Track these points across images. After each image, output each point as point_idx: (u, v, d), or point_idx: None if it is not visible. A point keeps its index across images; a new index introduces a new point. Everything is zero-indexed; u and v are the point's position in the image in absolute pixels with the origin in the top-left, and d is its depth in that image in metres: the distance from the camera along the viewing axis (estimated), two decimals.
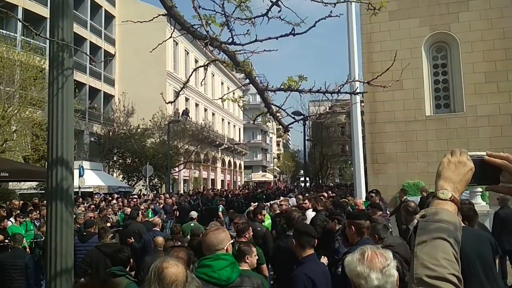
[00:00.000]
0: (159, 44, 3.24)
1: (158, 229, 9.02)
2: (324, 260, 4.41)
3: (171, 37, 2.94)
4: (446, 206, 1.27)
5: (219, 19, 2.89)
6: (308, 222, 6.84)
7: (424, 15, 17.16)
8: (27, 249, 8.80)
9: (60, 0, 3.39)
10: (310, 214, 8.02)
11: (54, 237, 3.39)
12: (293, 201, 12.60)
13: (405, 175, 16.70)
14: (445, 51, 17.46)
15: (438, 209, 1.26)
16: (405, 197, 11.54)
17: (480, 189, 11.48)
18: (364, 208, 8.83)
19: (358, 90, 3.50)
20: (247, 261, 3.95)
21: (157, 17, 2.69)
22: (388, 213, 9.21)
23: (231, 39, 2.63)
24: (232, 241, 3.39)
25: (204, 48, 2.80)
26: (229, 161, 51.68)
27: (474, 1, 16.71)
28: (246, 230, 5.70)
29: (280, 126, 3.60)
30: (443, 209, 1.26)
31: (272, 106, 2.89)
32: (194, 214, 10.41)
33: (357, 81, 3.17)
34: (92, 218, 12.22)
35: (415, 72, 17.04)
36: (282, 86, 2.71)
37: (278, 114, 3.08)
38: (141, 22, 3.05)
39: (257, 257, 4.29)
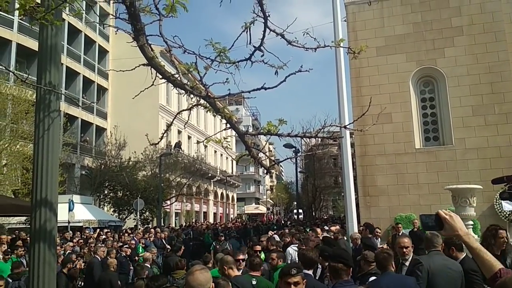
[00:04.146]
0: (141, 91, 3.32)
1: (148, 265, 8.83)
2: None
3: (152, 84, 3.01)
4: None
5: (203, 63, 2.98)
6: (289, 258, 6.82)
7: (411, 50, 17.61)
8: None
9: (49, 44, 3.47)
10: (291, 250, 7.99)
11: (37, 280, 3.35)
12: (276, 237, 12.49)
13: (397, 208, 16.69)
14: (432, 85, 17.82)
15: None
16: (402, 231, 11.55)
17: (471, 222, 11.49)
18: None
19: (343, 130, 3.56)
20: None
21: (138, 66, 2.77)
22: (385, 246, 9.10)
23: (206, 92, 2.71)
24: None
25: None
26: (222, 194, 51.38)
27: (459, 37, 17.19)
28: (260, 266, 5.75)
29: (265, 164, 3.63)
30: None
31: (253, 148, 2.94)
32: None
33: (334, 125, 3.25)
34: (82, 252, 12.06)
35: (404, 106, 17.34)
36: (262, 131, 2.78)
37: (260, 155, 3.13)
38: (128, 70, 3.13)
39: None
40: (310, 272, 4.94)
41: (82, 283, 9.56)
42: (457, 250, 4.98)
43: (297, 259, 7.43)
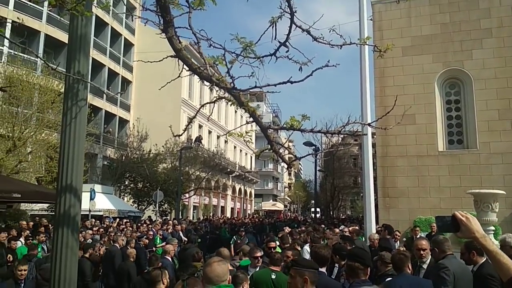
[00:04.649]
0: (168, 82, 3.36)
1: (169, 258, 8.57)
2: None
3: (179, 76, 3.05)
4: None
5: (229, 57, 3.00)
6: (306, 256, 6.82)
7: (438, 51, 17.30)
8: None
9: (78, 34, 3.54)
10: (307, 248, 7.98)
11: (59, 263, 3.44)
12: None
13: (417, 211, 16.47)
14: (458, 87, 17.48)
15: None
16: (420, 234, 11.41)
17: (493, 228, 11.28)
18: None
19: (366, 129, 3.54)
20: (244, 287, 4.26)
21: (166, 58, 2.81)
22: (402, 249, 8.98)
23: (232, 84, 2.73)
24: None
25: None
26: (240, 189, 51.59)
27: (488, 39, 16.82)
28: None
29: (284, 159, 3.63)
30: None
31: (275, 143, 2.95)
32: None
33: (357, 122, 3.23)
34: (102, 241, 12.32)
35: (428, 107, 17.07)
36: (284, 125, 2.78)
37: (281, 150, 3.14)
38: (155, 61, 3.17)
39: None
40: (324, 269, 4.93)
41: (101, 270, 9.75)
42: (478, 254, 4.90)
43: None
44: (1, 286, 6.44)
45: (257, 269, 5.91)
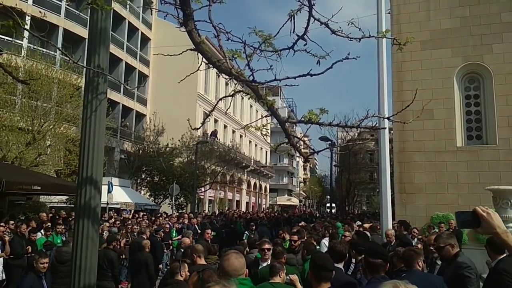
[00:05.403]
0: (186, 76, 3.39)
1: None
2: None
3: (198, 70, 3.07)
4: None
5: (247, 50, 3.00)
6: (323, 250, 6.82)
7: (457, 45, 17.02)
8: None
9: (98, 27, 3.59)
10: (325, 243, 7.96)
11: (80, 253, 3.51)
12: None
13: (434, 207, 16.30)
14: (478, 82, 17.18)
15: None
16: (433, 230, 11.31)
17: None
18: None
19: (383, 123, 3.51)
20: (281, 276, 4.66)
21: (186, 51, 2.83)
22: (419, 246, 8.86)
23: (252, 77, 2.73)
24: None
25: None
26: (255, 183, 51.70)
27: (508, 33, 16.47)
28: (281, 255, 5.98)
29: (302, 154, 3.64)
30: None
31: (292, 137, 2.95)
32: None
33: (376, 116, 3.20)
34: (121, 233, 12.52)
35: (446, 102, 16.82)
36: (302, 119, 2.78)
37: (298, 144, 3.14)
38: (175, 54, 3.19)
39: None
40: (341, 266, 4.92)
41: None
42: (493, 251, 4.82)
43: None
44: (25, 281, 6.58)
45: (268, 261, 5.93)
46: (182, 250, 8.61)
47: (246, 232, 16.00)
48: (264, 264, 5.93)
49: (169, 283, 5.17)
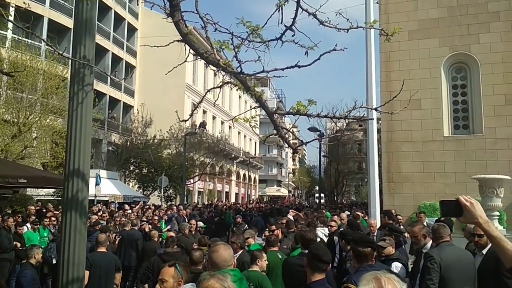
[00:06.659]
0: (174, 67, 3.36)
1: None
2: None
3: (185, 61, 3.04)
4: None
5: (235, 41, 2.98)
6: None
7: (444, 35, 17.11)
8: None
9: (84, 18, 3.53)
10: (319, 233, 8.02)
11: (68, 246, 3.48)
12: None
13: (422, 196, 16.49)
14: (464, 72, 17.33)
15: None
16: (426, 220, 11.41)
17: (497, 213, 11.29)
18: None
19: (371, 114, 3.52)
20: (258, 264, 4.83)
21: (172, 42, 2.80)
22: (406, 235, 8.91)
23: (239, 68, 2.71)
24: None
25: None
26: (244, 175, 51.76)
27: (495, 22, 16.60)
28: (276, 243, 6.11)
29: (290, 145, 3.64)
30: None
31: (281, 128, 2.95)
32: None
33: (364, 107, 3.21)
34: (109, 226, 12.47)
35: (434, 92, 16.96)
36: (291, 110, 2.78)
37: (287, 136, 3.14)
38: (162, 46, 3.15)
39: (266, 262, 5.06)
40: None
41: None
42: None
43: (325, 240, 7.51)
44: (27, 273, 6.57)
45: None
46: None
47: (232, 225, 15.94)
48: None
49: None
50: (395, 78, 16.99)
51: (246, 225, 14.76)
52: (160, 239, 13.68)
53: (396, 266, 5.06)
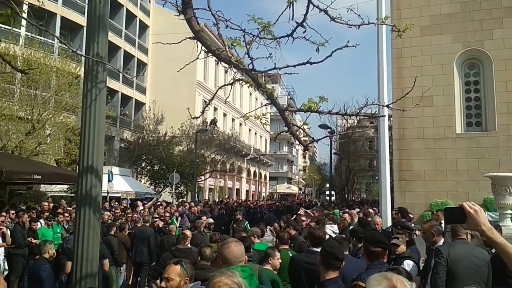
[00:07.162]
0: (186, 64, 3.38)
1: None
2: None
3: (197, 58, 3.06)
4: None
5: (246, 38, 2.99)
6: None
7: (457, 31, 16.93)
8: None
9: (97, 15, 3.56)
10: (331, 228, 8.01)
11: (81, 242, 3.53)
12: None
13: (433, 194, 16.38)
14: (477, 68, 17.14)
15: None
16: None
17: (510, 211, 11.17)
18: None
19: (383, 111, 3.51)
20: (270, 262, 4.77)
21: (185, 39, 2.82)
22: (417, 233, 8.86)
23: (251, 65, 2.72)
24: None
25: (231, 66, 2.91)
26: (255, 172, 51.78)
27: (509, 18, 16.38)
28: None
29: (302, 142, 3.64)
30: None
31: (292, 125, 2.95)
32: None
33: (375, 104, 3.20)
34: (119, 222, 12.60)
35: (446, 89, 16.80)
36: (302, 107, 2.78)
37: (298, 133, 3.14)
38: (174, 43, 3.18)
39: (280, 261, 4.97)
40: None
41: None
42: None
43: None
44: (45, 267, 6.73)
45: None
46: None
47: (232, 221, 15.84)
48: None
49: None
50: (407, 75, 16.87)
51: (246, 222, 14.74)
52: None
53: (408, 264, 5.05)
